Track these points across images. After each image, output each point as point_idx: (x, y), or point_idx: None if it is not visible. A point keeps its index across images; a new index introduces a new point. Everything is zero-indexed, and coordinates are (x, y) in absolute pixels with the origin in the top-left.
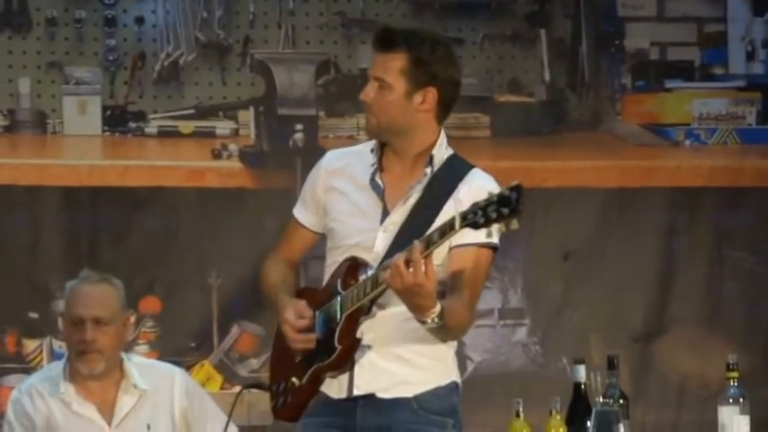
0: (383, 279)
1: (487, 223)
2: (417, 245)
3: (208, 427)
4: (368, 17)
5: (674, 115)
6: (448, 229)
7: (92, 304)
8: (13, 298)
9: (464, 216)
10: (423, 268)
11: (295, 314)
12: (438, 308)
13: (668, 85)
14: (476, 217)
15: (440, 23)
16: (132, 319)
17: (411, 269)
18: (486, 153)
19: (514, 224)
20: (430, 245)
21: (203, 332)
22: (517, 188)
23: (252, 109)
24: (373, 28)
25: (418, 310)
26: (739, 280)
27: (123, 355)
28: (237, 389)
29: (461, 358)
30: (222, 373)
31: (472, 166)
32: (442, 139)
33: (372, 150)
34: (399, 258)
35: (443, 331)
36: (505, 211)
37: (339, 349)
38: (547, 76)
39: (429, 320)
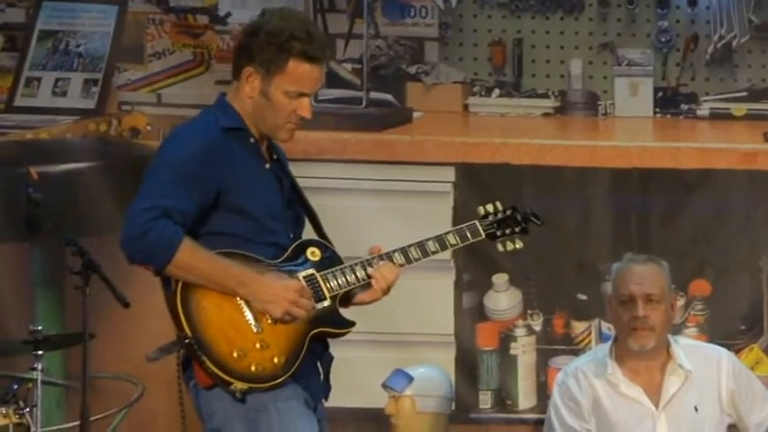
0: None
1: None
2: None
3: (755, 408)
4: None
5: None
6: None
7: (643, 282)
8: (563, 279)
9: None
10: None
11: None
12: None
13: None
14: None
15: None
16: (680, 301)
17: None
18: None
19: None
20: None
21: (753, 315)
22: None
23: None
24: None
25: None
26: None
27: (670, 337)
28: None
29: None
30: None
31: None
32: None
33: None
34: None
35: None
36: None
37: None
38: None
39: None
